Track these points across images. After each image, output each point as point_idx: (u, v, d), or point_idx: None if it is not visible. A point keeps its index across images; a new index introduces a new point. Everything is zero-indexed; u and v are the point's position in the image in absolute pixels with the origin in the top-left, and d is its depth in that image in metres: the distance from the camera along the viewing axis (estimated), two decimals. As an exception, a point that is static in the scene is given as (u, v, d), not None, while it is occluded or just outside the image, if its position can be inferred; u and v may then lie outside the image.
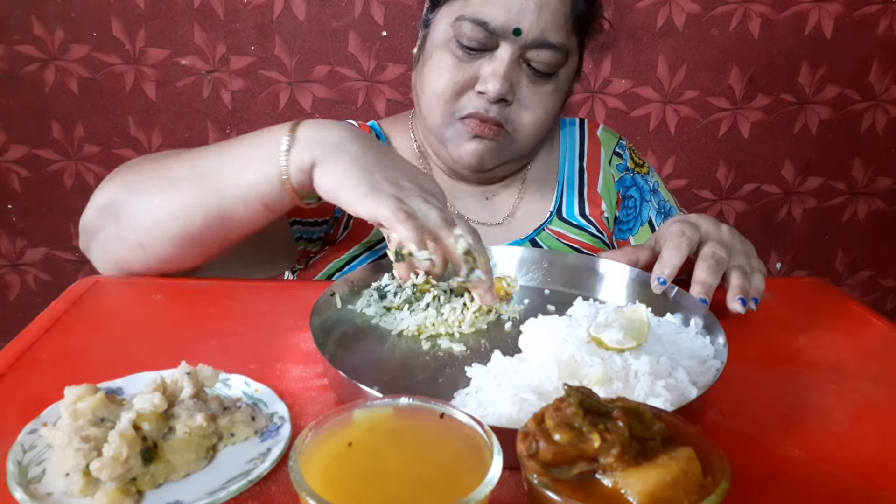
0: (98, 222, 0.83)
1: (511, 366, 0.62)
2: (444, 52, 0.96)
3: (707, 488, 0.38)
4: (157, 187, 0.80)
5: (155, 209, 0.79)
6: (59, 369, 0.64)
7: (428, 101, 0.98)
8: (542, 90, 0.97)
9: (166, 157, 0.83)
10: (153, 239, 0.80)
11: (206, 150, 0.81)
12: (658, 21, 2.10)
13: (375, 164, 0.74)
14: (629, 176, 1.16)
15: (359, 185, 0.72)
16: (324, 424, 0.44)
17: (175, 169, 0.80)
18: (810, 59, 2.17)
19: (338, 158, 0.74)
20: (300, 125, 0.77)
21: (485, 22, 0.91)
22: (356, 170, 0.73)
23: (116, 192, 0.82)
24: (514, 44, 0.92)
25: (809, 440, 0.58)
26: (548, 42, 0.92)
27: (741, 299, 0.76)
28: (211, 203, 0.77)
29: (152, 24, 2.00)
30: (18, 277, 2.26)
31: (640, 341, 0.62)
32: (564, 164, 1.15)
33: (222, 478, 0.49)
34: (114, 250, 0.83)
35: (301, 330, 0.73)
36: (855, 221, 2.41)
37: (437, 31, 0.97)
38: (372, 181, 0.72)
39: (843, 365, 0.71)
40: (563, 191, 1.13)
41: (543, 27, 0.91)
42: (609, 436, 0.40)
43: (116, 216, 0.81)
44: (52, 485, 0.47)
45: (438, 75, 0.95)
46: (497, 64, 0.92)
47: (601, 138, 1.18)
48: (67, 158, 2.12)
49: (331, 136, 0.75)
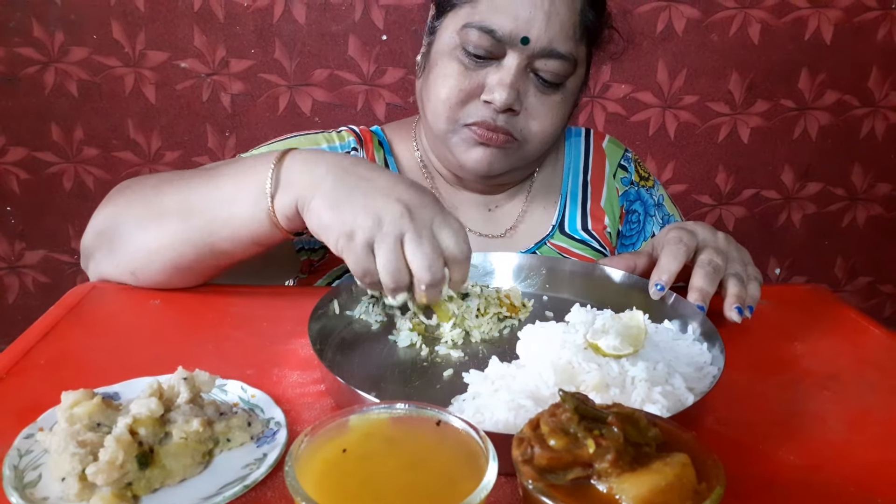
0: (94, 245, 0.85)
1: (508, 372, 0.62)
2: (450, 60, 0.94)
3: (702, 494, 0.38)
4: (148, 219, 0.80)
5: (147, 242, 0.80)
6: (56, 374, 0.64)
7: (433, 107, 0.97)
8: (550, 100, 0.95)
9: (159, 185, 0.83)
10: (144, 268, 0.82)
11: (197, 180, 0.80)
12: (658, 26, 2.11)
13: (348, 200, 0.69)
14: (633, 190, 1.15)
15: (337, 236, 0.69)
16: (320, 430, 0.44)
17: (165, 201, 0.80)
18: (810, 65, 2.17)
19: (317, 199, 0.70)
20: (283, 163, 0.74)
21: (492, 30, 0.89)
22: (330, 211, 0.69)
23: (109, 219, 0.83)
24: (522, 53, 0.90)
25: (805, 447, 0.58)
26: (556, 52, 0.91)
27: (738, 308, 0.76)
28: (202, 240, 0.77)
29: (152, 26, 2.00)
30: (17, 279, 2.26)
31: (637, 348, 0.62)
32: (568, 177, 1.14)
33: (218, 483, 0.49)
34: (108, 273, 0.85)
35: (298, 336, 0.73)
36: (854, 227, 2.41)
37: (444, 38, 0.96)
38: (344, 229, 0.68)
39: (839, 372, 0.71)
40: (567, 204, 1.11)
41: (552, 36, 0.90)
42: (604, 441, 0.40)
43: (110, 242, 0.83)
44: (49, 489, 0.48)
45: (444, 82, 0.94)
46: (504, 73, 0.91)
47: (606, 150, 1.16)
48: (67, 161, 2.12)
49: (310, 175, 0.72)
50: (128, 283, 0.84)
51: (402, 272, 0.68)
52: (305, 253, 1.03)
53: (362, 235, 0.68)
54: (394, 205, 0.68)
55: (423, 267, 0.67)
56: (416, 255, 0.67)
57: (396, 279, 0.68)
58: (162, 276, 0.82)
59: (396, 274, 0.68)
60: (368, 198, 0.69)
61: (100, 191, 2.14)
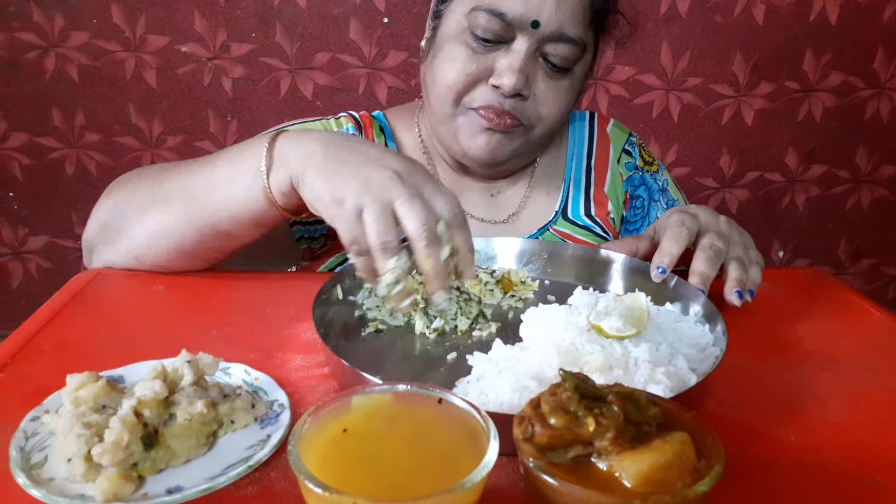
0: (97, 238, 0.86)
1: (512, 354, 0.62)
2: (457, 44, 0.93)
3: (701, 472, 0.39)
4: (150, 206, 0.81)
5: (149, 227, 0.81)
6: (61, 358, 0.65)
7: (438, 91, 0.95)
8: (558, 85, 0.94)
9: (159, 174, 0.84)
10: (148, 252, 0.83)
11: (195, 167, 0.81)
12: (661, 8, 2.09)
13: (338, 170, 0.69)
14: (638, 175, 1.14)
15: (328, 204, 0.68)
16: (323, 410, 0.44)
17: (165, 187, 0.81)
18: (815, 47, 2.15)
19: (310, 170, 0.70)
20: (276, 142, 0.74)
21: (502, 13, 0.88)
22: (322, 181, 0.69)
23: (111, 211, 0.84)
24: (532, 37, 0.89)
25: (805, 427, 0.58)
26: (566, 36, 0.89)
27: (738, 292, 0.76)
28: (202, 222, 0.78)
29: (152, 10, 1.99)
30: (21, 265, 2.27)
31: (639, 329, 0.62)
32: (572, 162, 1.12)
33: (222, 463, 0.50)
34: (112, 263, 0.86)
35: (302, 320, 0.73)
36: (858, 210, 2.40)
37: (450, 21, 0.94)
38: (335, 195, 0.68)
39: (840, 354, 0.71)
40: (570, 189, 1.10)
41: (562, 20, 0.89)
42: (604, 420, 0.40)
43: (113, 233, 0.84)
44: (55, 470, 0.48)
45: (451, 66, 0.93)
46: (513, 57, 0.89)
47: (611, 135, 1.15)
48: (69, 146, 2.12)
49: (301, 149, 0.72)
50: (132, 268, 0.85)
51: (388, 231, 0.65)
52: (306, 241, 1.03)
53: (351, 201, 0.66)
54: (383, 171, 0.67)
55: (418, 224, 0.65)
56: (408, 214, 0.65)
57: (383, 238, 0.65)
58: (165, 260, 0.83)
59: (383, 234, 0.65)
60: (359, 168, 0.68)
61: (102, 176, 2.14)
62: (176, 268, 0.84)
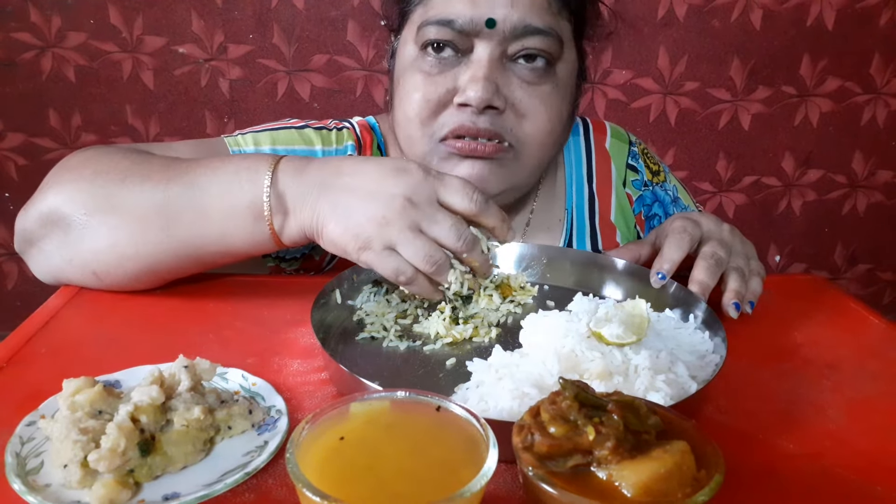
0: (40, 232, 0.75)
1: (512, 360, 0.62)
2: (412, 73, 0.84)
3: (701, 481, 0.39)
4: (116, 218, 0.72)
5: (117, 245, 0.72)
6: (57, 363, 0.64)
7: (404, 131, 0.86)
8: (539, 91, 0.84)
9: (124, 176, 0.73)
10: (112, 272, 0.74)
11: (174, 185, 0.72)
12: (659, 12, 2.09)
13: (348, 214, 0.68)
14: (649, 192, 1.06)
15: (356, 252, 0.68)
16: (321, 417, 0.44)
17: (138, 202, 0.71)
18: (811, 51, 2.16)
19: (322, 221, 0.69)
20: (276, 184, 0.70)
21: (450, 20, 0.80)
22: (339, 230, 0.68)
23: (65, 204, 0.73)
24: (491, 39, 0.80)
25: (805, 436, 0.58)
26: (531, 27, 0.80)
27: (735, 304, 0.75)
28: (185, 252, 0.74)
29: (150, 11, 1.99)
30: (17, 266, 2.26)
31: (639, 336, 0.62)
32: (572, 189, 1.02)
33: (219, 470, 0.50)
34: (58, 267, 0.76)
35: (299, 325, 0.73)
36: (854, 214, 2.41)
37: (404, 53, 0.87)
38: (358, 244, 0.67)
39: (839, 361, 0.71)
40: (573, 222, 1.02)
41: (523, 11, 0.80)
42: (604, 429, 0.40)
43: (64, 231, 0.73)
44: (50, 476, 0.48)
45: (408, 98, 0.84)
46: (475, 67, 0.81)
47: (611, 152, 1.06)
48: (65, 146, 2.11)
49: (306, 199, 0.69)
50: (80, 284, 0.77)
51: (433, 254, 0.67)
52: (274, 260, 0.98)
53: (378, 243, 0.67)
54: (391, 202, 0.66)
55: (455, 238, 0.67)
56: (441, 233, 0.67)
57: (433, 261, 0.67)
58: (130, 282, 0.76)
59: (429, 257, 0.67)
60: (366, 204, 0.67)
61: (98, 177, 2.13)
62: (138, 288, 0.78)
